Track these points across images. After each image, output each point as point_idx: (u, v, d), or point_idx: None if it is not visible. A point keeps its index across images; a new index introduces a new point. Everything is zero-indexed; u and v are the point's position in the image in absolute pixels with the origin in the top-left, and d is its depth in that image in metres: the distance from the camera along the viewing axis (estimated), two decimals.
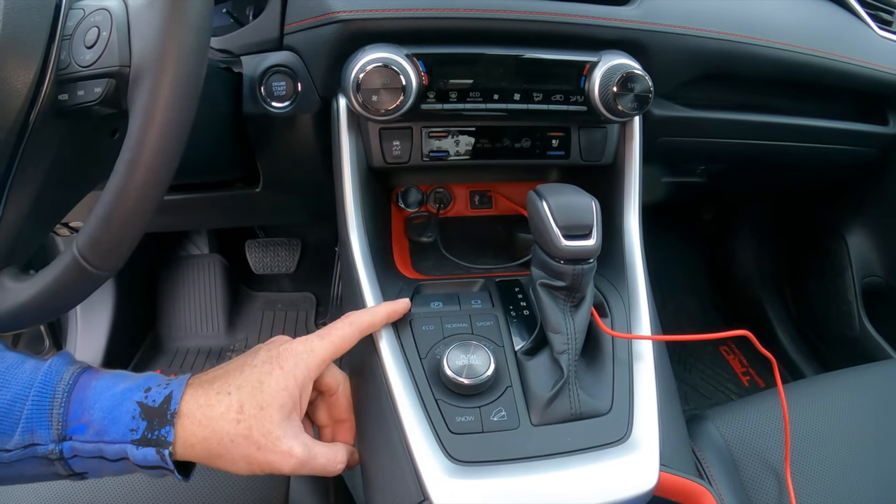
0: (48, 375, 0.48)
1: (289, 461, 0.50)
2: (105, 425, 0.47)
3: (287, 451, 0.50)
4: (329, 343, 0.55)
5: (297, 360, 0.53)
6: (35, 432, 0.46)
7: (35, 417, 0.46)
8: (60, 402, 0.47)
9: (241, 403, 0.50)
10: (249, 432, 0.49)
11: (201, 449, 0.49)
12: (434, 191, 0.88)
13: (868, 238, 1.37)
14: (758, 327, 1.63)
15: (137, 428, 0.47)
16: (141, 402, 0.48)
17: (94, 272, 0.47)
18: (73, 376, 0.48)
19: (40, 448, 0.46)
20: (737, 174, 1.22)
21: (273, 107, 0.74)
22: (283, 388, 0.51)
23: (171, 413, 0.48)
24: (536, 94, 0.72)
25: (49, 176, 0.52)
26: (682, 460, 0.61)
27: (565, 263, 0.58)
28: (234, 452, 0.49)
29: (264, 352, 0.54)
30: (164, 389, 0.49)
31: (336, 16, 0.68)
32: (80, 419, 0.47)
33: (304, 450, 0.51)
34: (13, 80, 0.47)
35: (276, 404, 0.50)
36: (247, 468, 0.50)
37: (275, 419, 0.50)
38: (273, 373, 0.52)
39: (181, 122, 0.46)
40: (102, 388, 0.48)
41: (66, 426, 0.46)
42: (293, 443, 0.50)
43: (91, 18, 0.50)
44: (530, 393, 0.59)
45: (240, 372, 0.52)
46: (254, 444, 0.49)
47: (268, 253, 1.70)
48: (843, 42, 1.00)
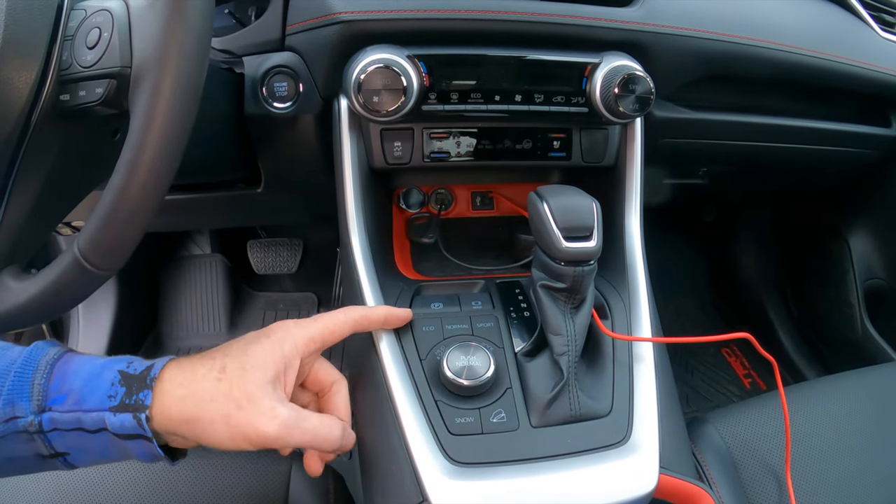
0: (32, 352, 0.48)
1: (272, 423, 0.48)
2: (84, 394, 0.46)
3: (269, 410, 0.48)
4: (321, 325, 0.54)
5: (284, 333, 0.52)
6: (16, 404, 0.45)
7: (17, 390, 0.45)
8: (42, 373, 0.46)
9: (224, 365, 0.49)
10: (230, 389, 0.47)
11: (178, 413, 0.47)
12: (435, 192, 0.88)
13: (870, 240, 1.37)
14: (759, 329, 1.63)
15: (115, 395, 0.46)
16: (122, 371, 0.47)
17: (95, 272, 0.47)
18: (58, 353, 0.48)
19: (20, 421, 0.45)
20: (738, 176, 1.22)
21: (275, 107, 0.74)
22: (268, 354, 0.50)
23: (151, 378, 0.47)
24: (538, 95, 0.72)
25: (51, 176, 0.53)
26: (682, 463, 0.61)
27: (566, 265, 0.58)
28: (213, 412, 0.47)
29: (252, 332, 0.54)
30: (148, 361, 0.49)
31: (338, 17, 0.68)
32: (60, 389, 0.46)
33: (289, 411, 0.49)
34: (15, 80, 0.47)
35: (259, 367, 0.49)
36: (226, 432, 0.47)
37: (257, 380, 0.49)
38: (259, 341, 0.51)
39: (182, 123, 0.46)
40: (85, 361, 0.48)
41: (47, 397, 0.46)
42: (276, 404, 0.48)
43: (92, 19, 0.50)
44: (530, 394, 0.59)
45: (227, 345, 0.52)
46: (233, 402, 0.47)
47: (270, 253, 1.70)
48: (846, 43, 1.00)
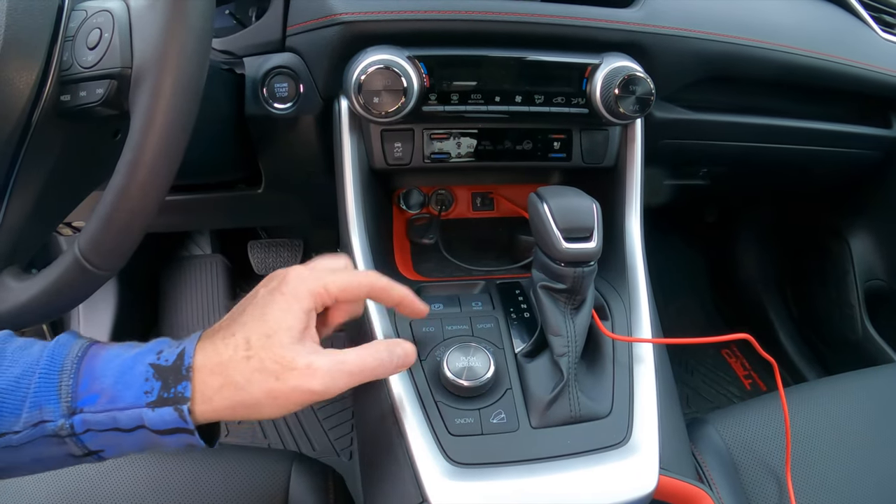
0: (55, 350, 0.45)
1: (314, 381, 0.46)
2: (117, 391, 0.43)
3: (307, 367, 0.45)
4: (339, 279, 0.51)
5: (297, 283, 0.49)
6: (43, 408, 0.42)
7: (43, 392, 0.43)
8: (69, 373, 0.44)
9: (247, 338, 0.46)
10: (262, 364, 0.45)
11: (222, 399, 0.45)
12: (436, 192, 0.88)
13: (871, 241, 1.37)
14: (760, 330, 1.63)
15: (152, 390, 0.44)
16: (154, 364, 0.45)
17: (96, 272, 0.48)
18: (82, 349, 0.46)
19: (49, 425, 0.42)
20: (739, 177, 1.22)
21: (275, 108, 0.74)
22: (287, 311, 0.47)
23: (186, 367, 0.44)
24: (538, 96, 0.72)
25: (51, 176, 0.53)
26: (682, 464, 0.61)
27: (566, 266, 0.58)
28: (255, 392, 0.45)
29: (263, 289, 0.50)
30: (176, 348, 0.46)
31: (338, 17, 0.68)
32: (90, 389, 0.43)
33: (327, 359, 0.47)
34: (16, 80, 0.47)
35: (283, 328, 0.47)
36: (275, 405, 0.46)
37: (284, 342, 0.46)
38: (275, 300, 0.48)
39: (182, 124, 0.46)
40: (112, 356, 0.46)
41: (76, 398, 0.43)
42: (312, 357, 0.46)
43: (93, 20, 0.51)
44: (530, 395, 0.59)
45: (241, 312, 0.49)
46: (271, 375, 0.45)
47: (270, 253, 1.70)
48: (846, 44, 1.00)
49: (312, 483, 0.72)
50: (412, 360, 0.53)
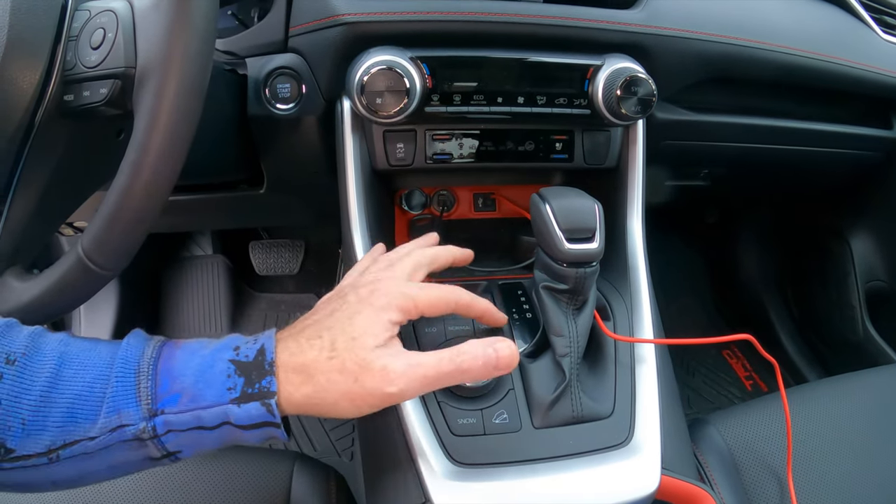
0: (128, 351, 0.44)
1: (390, 380, 0.45)
2: (199, 390, 0.43)
3: (382, 369, 0.45)
4: (426, 296, 0.51)
5: (389, 300, 0.49)
6: (122, 412, 0.42)
7: (121, 396, 0.42)
8: (147, 376, 0.43)
9: (333, 341, 0.46)
10: (343, 365, 0.45)
11: (301, 397, 0.45)
12: (438, 193, 0.89)
13: (872, 242, 1.37)
14: (761, 331, 1.63)
15: (235, 386, 0.43)
16: (234, 360, 0.45)
17: (99, 272, 0.48)
18: (156, 349, 0.45)
19: (130, 429, 0.42)
20: (740, 178, 1.22)
21: (278, 109, 0.74)
22: (376, 322, 0.47)
23: (269, 363, 0.45)
24: (540, 97, 0.72)
25: (54, 175, 0.53)
26: (684, 464, 0.61)
27: (568, 266, 0.58)
28: (334, 392, 0.45)
29: (353, 295, 0.50)
30: (254, 344, 0.46)
31: (341, 18, 0.68)
32: (170, 389, 0.43)
33: (403, 362, 0.46)
34: (19, 80, 0.47)
35: (370, 333, 0.47)
36: (352, 407, 0.46)
37: (368, 345, 0.46)
38: (364, 311, 0.48)
39: (186, 124, 0.46)
40: (188, 355, 0.45)
41: (157, 399, 0.43)
42: (388, 360, 0.46)
43: (97, 20, 0.51)
44: (532, 396, 0.59)
45: (329, 315, 0.49)
46: (350, 377, 0.45)
47: (271, 254, 1.70)
48: (847, 46, 1.00)
49: (314, 483, 0.72)
50: (508, 362, 0.49)
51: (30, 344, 0.43)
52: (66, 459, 0.42)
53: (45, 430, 0.41)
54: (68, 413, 0.41)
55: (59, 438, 0.41)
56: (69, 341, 0.45)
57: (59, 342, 0.44)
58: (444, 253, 0.59)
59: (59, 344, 0.44)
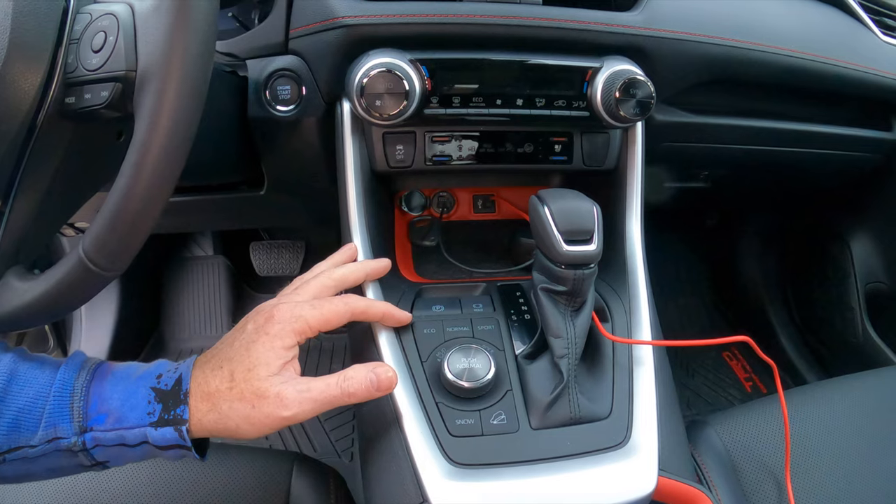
0: (66, 373, 0.50)
1: (284, 405, 0.51)
2: (123, 412, 0.49)
3: (276, 395, 0.51)
4: (318, 314, 0.56)
5: (282, 326, 0.54)
6: (57, 426, 0.48)
7: (56, 413, 0.48)
8: (80, 396, 0.49)
9: (232, 372, 0.52)
10: (241, 395, 0.51)
11: (209, 422, 0.51)
12: (437, 195, 0.89)
13: (872, 244, 1.37)
14: (760, 333, 1.63)
15: (154, 411, 0.50)
16: (155, 388, 0.51)
17: (100, 272, 0.48)
18: (90, 372, 0.51)
19: (63, 441, 0.48)
20: (740, 179, 1.22)
21: (278, 110, 0.75)
22: (270, 350, 0.53)
23: (184, 393, 0.50)
24: (539, 99, 0.72)
25: (56, 177, 0.53)
26: (681, 465, 0.61)
27: (566, 268, 0.58)
28: (236, 417, 0.51)
29: (251, 324, 0.55)
30: (174, 373, 0.52)
31: (341, 21, 0.68)
32: (99, 410, 0.49)
33: (293, 388, 0.51)
34: (21, 82, 0.47)
35: (262, 363, 0.52)
36: (252, 429, 0.51)
37: (261, 376, 0.51)
38: (259, 339, 0.53)
39: (186, 126, 0.46)
40: (117, 379, 0.51)
41: (87, 418, 0.49)
42: (281, 387, 0.51)
43: (98, 23, 0.51)
44: (530, 397, 0.59)
45: (229, 346, 0.54)
46: (248, 404, 0.51)
47: (272, 255, 1.70)
48: (847, 48, 1.00)
49: (314, 483, 0.73)
50: (387, 384, 0.54)
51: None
52: (10, 462, 0.48)
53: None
54: (13, 423, 0.48)
55: (4, 444, 0.48)
56: (19, 358, 0.51)
57: (11, 359, 0.50)
58: (354, 271, 0.64)
59: (10, 360, 0.50)
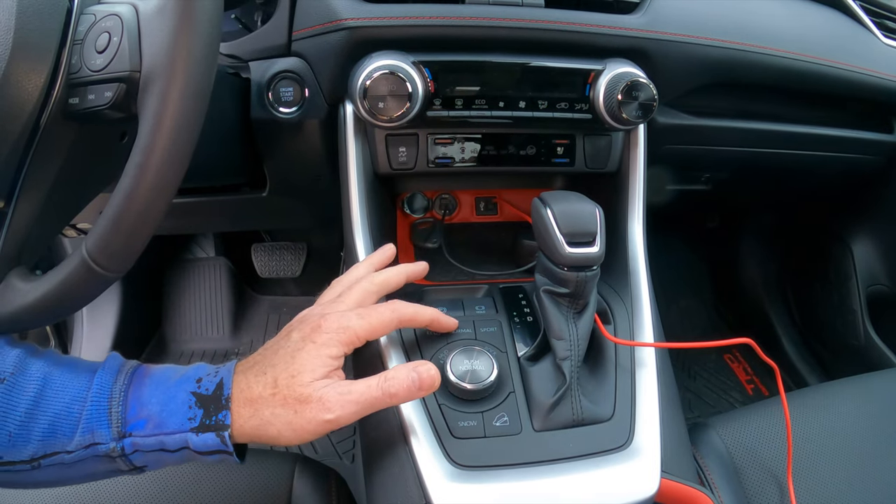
0: (103, 377, 0.50)
1: (326, 408, 0.50)
2: (163, 418, 0.49)
3: (318, 399, 0.50)
4: (367, 324, 0.54)
5: (330, 336, 0.53)
6: (95, 432, 0.47)
7: (94, 418, 0.48)
8: (118, 401, 0.49)
9: (275, 378, 0.51)
10: (284, 401, 0.50)
11: (250, 428, 0.50)
12: (439, 197, 0.89)
13: (873, 246, 1.37)
14: (762, 335, 1.63)
15: (195, 417, 0.49)
16: (195, 392, 0.50)
17: (103, 273, 0.48)
18: (128, 376, 0.51)
19: (101, 447, 0.47)
20: (741, 182, 1.23)
21: (280, 112, 0.75)
22: (316, 358, 0.52)
23: (226, 398, 0.50)
24: (541, 101, 0.72)
25: (58, 178, 0.53)
26: (684, 467, 0.61)
27: (569, 270, 0.58)
28: (278, 423, 0.50)
29: (297, 333, 0.54)
30: (215, 377, 0.51)
31: (343, 23, 0.69)
32: (138, 415, 0.49)
33: (335, 391, 0.50)
34: (25, 83, 0.47)
35: (307, 370, 0.51)
36: (294, 435, 0.50)
37: (305, 381, 0.50)
38: (305, 347, 0.52)
39: (190, 127, 0.46)
40: (156, 383, 0.51)
41: (126, 423, 0.48)
42: (323, 391, 0.50)
43: (102, 24, 0.51)
44: (533, 399, 0.59)
45: (274, 353, 0.53)
46: (290, 410, 0.50)
47: (273, 257, 1.70)
48: (848, 50, 1.00)
49: (315, 485, 0.72)
50: (430, 383, 0.52)
51: (17, 364, 0.48)
52: (45, 467, 0.47)
53: (28, 442, 0.47)
54: (49, 429, 0.47)
55: (40, 450, 0.47)
56: (53, 362, 0.50)
57: (45, 363, 0.50)
58: (396, 275, 0.62)
59: (43, 364, 0.50)
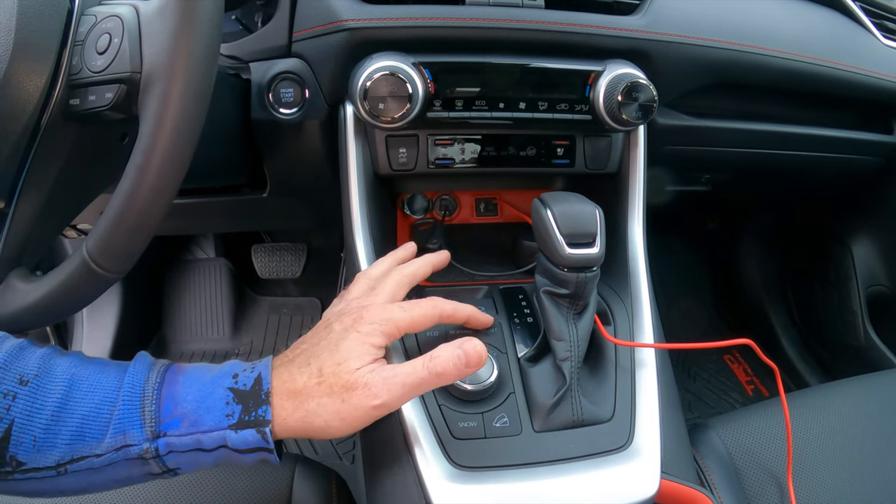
0: (134, 376, 0.48)
1: (374, 393, 0.48)
2: (199, 415, 0.47)
3: (364, 385, 0.48)
4: (409, 317, 0.54)
5: (373, 327, 0.52)
6: (127, 433, 0.45)
7: (126, 418, 0.46)
8: (151, 400, 0.46)
9: (321, 367, 0.49)
10: (331, 389, 0.48)
11: (294, 422, 0.48)
12: (440, 198, 0.89)
13: (873, 247, 1.37)
14: (762, 336, 1.63)
15: (233, 413, 0.47)
16: (232, 388, 0.48)
17: (104, 274, 0.48)
18: (160, 374, 0.48)
19: (133, 448, 0.45)
20: (741, 183, 1.23)
21: (281, 113, 0.75)
22: (361, 345, 0.51)
23: (266, 392, 0.48)
24: (542, 102, 0.72)
25: (59, 178, 0.53)
26: (684, 468, 0.61)
27: (569, 271, 0.58)
28: (325, 414, 0.48)
29: (338, 324, 0.53)
30: (252, 373, 0.49)
31: (344, 24, 0.69)
32: (172, 413, 0.46)
33: (381, 375, 0.49)
34: (26, 84, 0.48)
35: (353, 357, 0.50)
36: (342, 425, 0.49)
37: (351, 368, 0.49)
38: (349, 336, 0.51)
39: (191, 128, 0.47)
40: (190, 381, 0.49)
41: (160, 423, 0.46)
42: (368, 377, 0.49)
43: (103, 25, 0.51)
44: (533, 399, 0.59)
45: (316, 344, 0.52)
46: (337, 398, 0.48)
47: (274, 257, 1.70)
48: (848, 51, 1.00)
49: (315, 486, 0.72)
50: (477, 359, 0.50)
51: (42, 365, 0.46)
52: (73, 473, 0.45)
53: (54, 446, 0.44)
54: (77, 432, 0.45)
55: (67, 454, 0.44)
56: (79, 363, 0.48)
57: (70, 364, 0.47)
58: (423, 266, 0.63)
59: (69, 365, 0.47)
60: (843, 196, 1.37)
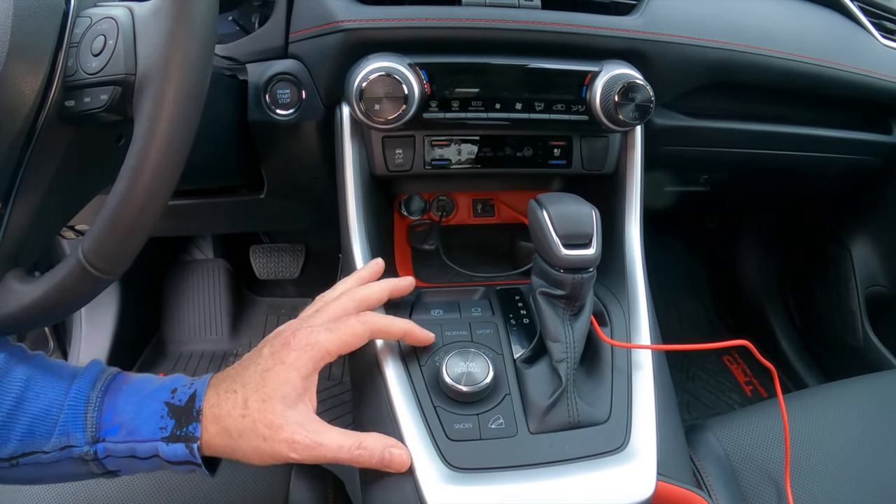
0: (82, 382, 0.51)
1: (292, 453, 0.51)
2: (136, 425, 0.50)
3: (288, 440, 0.50)
4: (336, 338, 0.55)
5: (299, 354, 0.53)
6: (70, 435, 0.49)
7: (70, 421, 0.49)
8: (94, 406, 0.50)
9: (246, 399, 0.51)
10: (254, 426, 0.50)
11: (219, 443, 0.51)
12: (436, 199, 0.89)
13: (872, 247, 1.37)
14: (760, 336, 1.63)
15: (166, 426, 0.50)
16: (168, 402, 0.51)
17: (99, 276, 0.48)
18: (105, 382, 0.52)
19: (76, 450, 0.49)
20: (740, 183, 1.22)
21: (277, 114, 0.75)
22: (286, 382, 0.52)
23: (197, 410, 0.51)
24: (538, 103, 0.72)
25: (55, 180, 0.53)
26: (680, 470, 0.61)
27: (565, 272, 0.58)
28: (244, 445, 0.51)
29: (268, 348, 0.55)
30: (189, 389, 0.52)
31: (340, 25, 0.69)
32: (112, 421, 0.50)
33: (306, 436, 0.51)
34: (21, 85, 0.47)
35: (279, 396, 0.51)
36: (259, 459, 0.51)
37: (277, 410, 0.51)
38: (275, 368, 0.52)
39: (186, 129, 0.47)
40: (132, 391, 0.52)
41: (100, 429, 0.50)
42: (296, 430, 0.51)
43: (98, 27, 0.51)
44: (529, 401, 0.59)
45: (244, 369, 0.54)
46: (259, 436, 0.50)
47: (272, 258, 1.70)
48: (847, 51, 1.00)
49: (312, 487, 0.72)
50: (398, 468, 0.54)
51: (3, 367, 0.50)
52: (24, 466, 0.50)
53: (9, 441, 0.49)
54: (28, 429, 0.49)
55: (19, 449, 0.49)
56: (38, 366, 0.52)
57: (29, 367, 0.52)
58: (378, 292, 0.62)
59: (27, 368, 0.51)
60: (843, 196, 1.37)
